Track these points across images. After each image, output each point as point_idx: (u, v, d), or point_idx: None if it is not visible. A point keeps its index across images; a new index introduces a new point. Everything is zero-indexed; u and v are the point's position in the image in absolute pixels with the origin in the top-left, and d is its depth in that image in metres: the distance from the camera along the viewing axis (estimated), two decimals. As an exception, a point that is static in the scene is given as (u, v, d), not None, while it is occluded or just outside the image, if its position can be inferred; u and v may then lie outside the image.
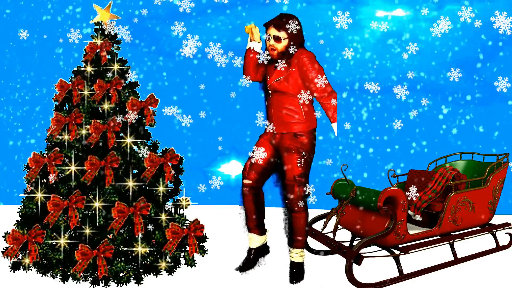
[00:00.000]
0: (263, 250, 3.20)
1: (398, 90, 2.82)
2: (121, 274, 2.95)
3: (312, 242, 3.70)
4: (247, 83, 3.14)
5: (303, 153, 3.03)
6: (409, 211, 3.49)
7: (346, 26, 2.82)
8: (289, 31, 2.95)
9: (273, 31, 2.98)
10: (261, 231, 3.17)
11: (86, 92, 3.24)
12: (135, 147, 3.21)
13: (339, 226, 3.32)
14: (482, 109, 6.15)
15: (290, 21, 2.94)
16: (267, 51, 3.06)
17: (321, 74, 2.94)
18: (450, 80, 2.80)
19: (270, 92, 3.10)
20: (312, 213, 3.68)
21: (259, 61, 3.11)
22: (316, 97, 3.01)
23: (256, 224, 3.14)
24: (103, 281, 2.89)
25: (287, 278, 3.11)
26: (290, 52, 2.97)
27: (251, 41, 3.11)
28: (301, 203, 3.06)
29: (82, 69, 3.32)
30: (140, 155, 3.11)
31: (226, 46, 3.03)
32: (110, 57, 3.32)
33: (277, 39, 2.97)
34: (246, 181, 3.12)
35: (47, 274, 3.01)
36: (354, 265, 2.93)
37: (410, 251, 3.16)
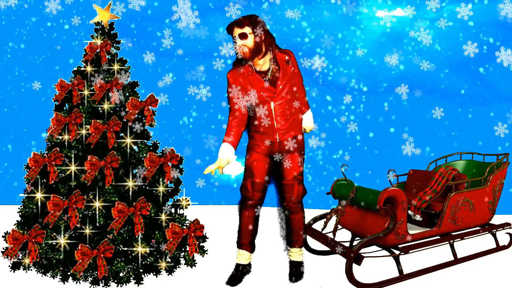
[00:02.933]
0: (248, 268, 3.18)
1: (400, 89, 2.82)
2: (121, 274, 2.95)
3: (312, 242, 3.70)
4: None
5: (302, 152, 3.07)
6: (409, 211, 3.49)
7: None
8: (252, 26, 2.84)
9: (237, 31, 2.86)
10: (252, 248, 3.15)
11: (86, 92, 3.25)
12: (135, 147, 3.21)
13: (339, 226, 3.32)
14: (482, 109, 6.15)
15: (251, 16, 2.88)
16: (239, 54, 2.89)
17: (302, 80, 3.09)
18: (471, 56, 2.74)
19: (273, 106, 2.94)
20: (312, 213, 3.68)
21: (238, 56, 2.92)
22: (300, 105, 3.07)
23: (249, 241, 3.12)
24: (103, 281, 2.89)
25: (287, 277, 3.11)
26: (262, 49, 2.88)
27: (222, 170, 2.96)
28: (299, 203, 3.07)
29: (82, 69, 3.32)
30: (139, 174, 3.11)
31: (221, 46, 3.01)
32: (110, 57, 3.32)
33: (243, 36, 2.85)
34: (252, 202, 3.05)
35: (47, 274, 3.01)
36: (354, 265, 2.93)
37: (410, 251, 3.16)
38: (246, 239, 3.10)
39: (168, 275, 3.08)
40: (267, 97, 2.93)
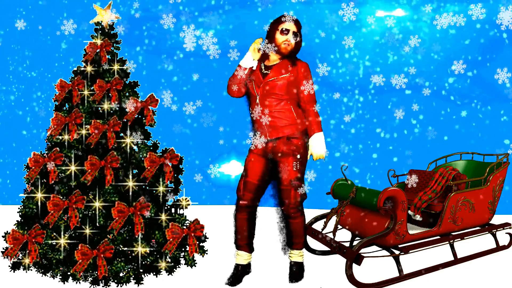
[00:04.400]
0: (247, 268, 3.18)
1: (396, 80, 2.83)
2: (121, 274, 2.95)
3: (312, 242, 3.70)
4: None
5: (298, 156, 3.00)
6: (409, 211, 3.49)
7: (354, 17, 2.81)
8: (300, 32, 3.02)
9: (293, 27, 2.98)
10: (250, 249, 3.16)
11: (86, 92, 3.25)
12: (135, 147, 3.22)
13: (339, 226, 3.32)
14: (482, 109, 6.15)
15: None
16: (283, 45, 2.96)
17: (312, 89, 3.03)
18: (455, 73, 2.81)
19: (258, 98, 2.98)
20: (312, 213, 3.68)
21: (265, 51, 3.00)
22: (303, 105, 3.04)
23: (246, 243, 3.12)
24: (103, 281, 2.89)
25: (287, 278, 3.11)
26: (292, 57, 3.00)
27: (252, 59, 3.01)
28: (298, 208, 3.03)
29: (82, 69, 3.32)
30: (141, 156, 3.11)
31: (224, 46, 3.02)
32: (110, 57, 3.32)
33: (296, 35, 2.99)
34: (242, 202, 3.05)
35: (47, 274, 3.01)
36: (354, 265, 2.93)
37: (410, 251, 3.16)
38: (243, 240, 3.11)
39: (168, 275, 3.08)
40: (255, 88, 2.99)
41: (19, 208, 3.18)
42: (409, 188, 3.92)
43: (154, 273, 3.07)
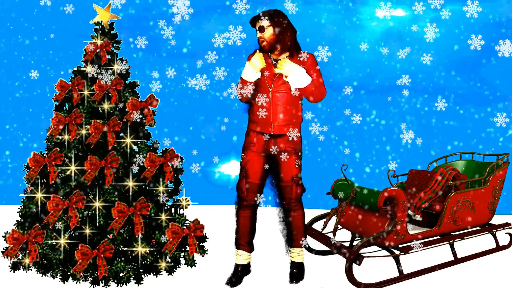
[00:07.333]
0: (248, 268, 3.18)
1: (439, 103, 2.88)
2: (121, 274, 2.95)
3: (312, 242, 3.70)
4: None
5: (299, 153, 3.03)
6: (409, 211, 3.49)
7: (326, 58, 2.86)
8: (272, 18, 2.88)
9: (257, 24, 2.93)
10: (251, 248, 3.16)
11: (86, 92, 3.24)
12: (135, 147, 3.21)
13: (339, 226, 3.32)
14: (482, 109, 6.15)
15: (272, 10, 2.93)
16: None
17: (319, 77, 2.98)
18: (423, 63, 2.82)
19: (270, 91, 2.93)
20: (312, 213, 3.68)
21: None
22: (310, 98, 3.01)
23: (247, 242, 3.13)
24: (103, 281, 2.89)
25: (287, 278, 3.11)
26: (283, 44, 2.92)
27: (255, 72, 2.93)
28: (298, 201, 3.06)
29: (82, 69, 3.32)
30: (138, 161, 3.10)
31: (226, 46, 3.01)
32: (110, 57, 3.32)
33: (261, 28, 2.90)
34: (247, 203, 3.04)
35: (47, 274, 3.01)
36: (354, 265, 2.93)
37: (410, 251, 3.16)
38: (244, 239, 3.11)
39: (168, 275, 3.08)
40: (267, 81, 2.93)
41: (19, 208, 3.18)
42: (409, 188, 3.92)
43: (154, 273, 3.07)
